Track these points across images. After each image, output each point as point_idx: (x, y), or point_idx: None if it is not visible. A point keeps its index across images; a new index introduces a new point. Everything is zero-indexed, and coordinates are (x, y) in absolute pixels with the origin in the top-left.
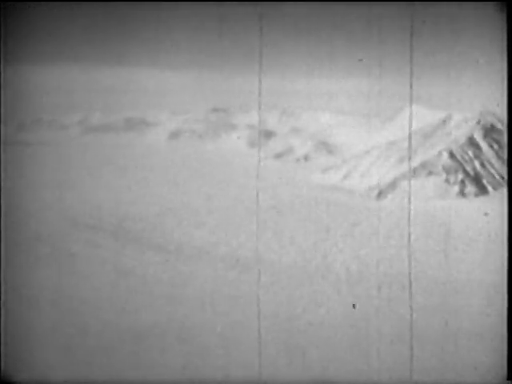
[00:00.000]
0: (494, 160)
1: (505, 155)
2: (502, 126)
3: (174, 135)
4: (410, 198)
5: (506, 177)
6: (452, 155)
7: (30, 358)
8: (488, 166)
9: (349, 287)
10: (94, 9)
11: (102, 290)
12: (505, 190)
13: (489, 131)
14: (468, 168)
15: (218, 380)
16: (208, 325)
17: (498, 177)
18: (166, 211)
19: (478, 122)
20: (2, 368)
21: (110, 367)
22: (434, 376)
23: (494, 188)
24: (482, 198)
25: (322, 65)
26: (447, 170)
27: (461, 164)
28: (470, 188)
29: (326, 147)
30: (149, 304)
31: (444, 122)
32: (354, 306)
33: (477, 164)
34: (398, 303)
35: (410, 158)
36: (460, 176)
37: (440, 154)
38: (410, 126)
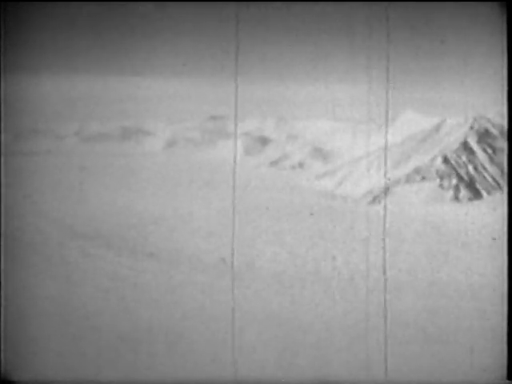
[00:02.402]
0: (487, 164)
1: (499, 159)
2: (496, 131)
3: (171, 143)
4: (403, 204)
5: (501, 180)
6: (446, 160)
7: (30, 358)
8: (482, 171)
9: (340, 292)
10: (90, 19)
11: (96, 297)
12: (498, 195)
13: (483, 136)
14: (462, 173)
15: (205, 379)
16: (199, 330)
17: (491, 181)
18: (161, 219)
19: (472, 127)
20: (2, 368)
21: (106, 370)
22: (432, 376)
23: (488, 192)
24: (475, 203)
25: (317, 70)
26: (441, 175)
27: (454, 169)
28: (464, 193)
29: (322, 153)
30: (141, 310)
31: (438, 127)
32: None
33: (470, 169)
34: (391, 307)
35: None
36: (454, 181)
37: (434, 159)
38: (404, 131)
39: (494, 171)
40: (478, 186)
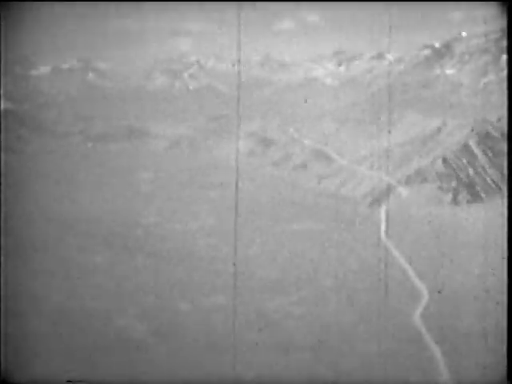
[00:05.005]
0: (488, 167)
1: (499, 162)
2: (497, 133)
3: (175, 143)
4: (403, 205)
5: (501, 183)
6: (446, 162)
7: (30, 358)
8: (482, 173)
9: (334, 293)
10: (95, 14)
11: (96, 294)
12: (498, 197)
13: (483, 138)
14: (462, 175)
15: (205, 379)
16: (191, 326)
17: (491, 184)
18: (161, 218)
19: (473, 130)
20: (2, 368)
21: (103, 369)
22: (433, 376)
23: (487, 195)
24: (475, 205)
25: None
26: (441, 178)
27: (454, 171)
28: (464, 195)
29: (324, 155)
30: (139, 308)
31: (439, 129)
32: None
33: (470, 171)
34: (387, 307)
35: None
36: (453, 183)
37: (434, 161)
38: (406, 133)
39: (494, 174)
40: (477, 188)
